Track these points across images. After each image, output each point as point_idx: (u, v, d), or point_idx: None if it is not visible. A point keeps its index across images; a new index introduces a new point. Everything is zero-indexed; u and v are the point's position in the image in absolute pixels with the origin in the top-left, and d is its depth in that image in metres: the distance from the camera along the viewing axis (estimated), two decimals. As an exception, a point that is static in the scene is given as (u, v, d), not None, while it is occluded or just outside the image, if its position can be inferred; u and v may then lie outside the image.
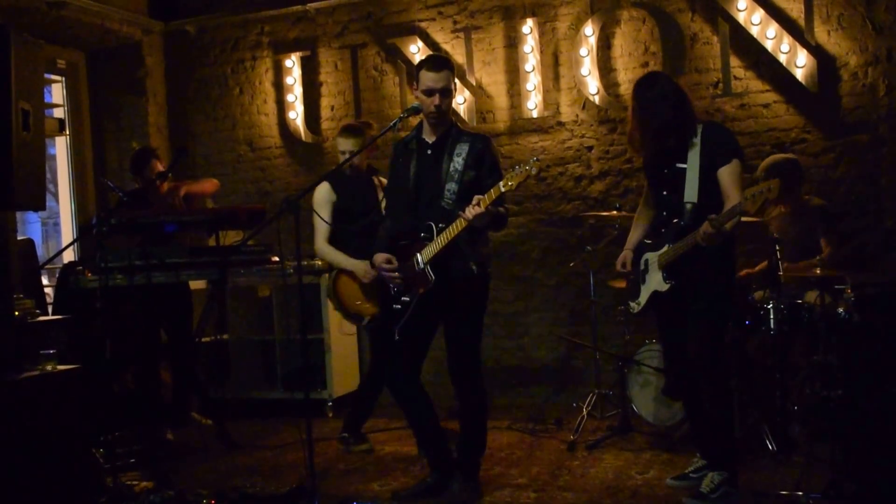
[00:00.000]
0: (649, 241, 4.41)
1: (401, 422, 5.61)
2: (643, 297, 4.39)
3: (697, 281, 4.16)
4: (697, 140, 4.18)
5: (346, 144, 5.32)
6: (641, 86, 4.32)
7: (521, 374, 6.84)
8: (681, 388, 4.52)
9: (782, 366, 4.87)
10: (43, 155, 4.40)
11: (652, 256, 4.32)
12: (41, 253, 8.91)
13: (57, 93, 7.55)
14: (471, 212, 4.02)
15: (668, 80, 4.34)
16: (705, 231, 3.94)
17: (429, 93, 4.27)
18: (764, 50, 6.03)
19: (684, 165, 4.18)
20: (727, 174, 4.12)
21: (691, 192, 4.15)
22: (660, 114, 4.17)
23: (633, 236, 4.59)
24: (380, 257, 4.42)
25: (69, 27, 7.03)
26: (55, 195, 7.98)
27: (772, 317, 4.90)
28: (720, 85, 6.19)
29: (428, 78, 4.28)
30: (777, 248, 4.96)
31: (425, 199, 4.34)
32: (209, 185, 6.27)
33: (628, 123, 4.41)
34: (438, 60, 4.42)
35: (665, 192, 4.31)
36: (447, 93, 4.28)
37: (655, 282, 4.29)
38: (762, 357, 5.11)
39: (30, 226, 12.94)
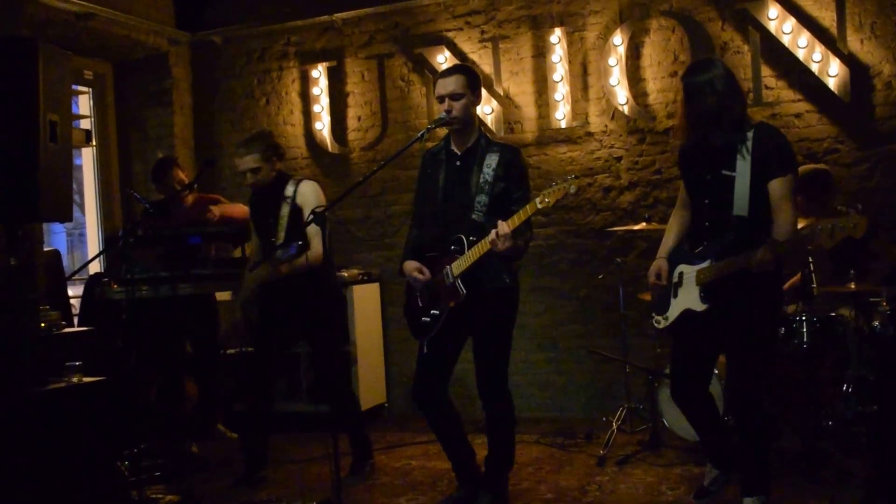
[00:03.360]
0: (687, 252, 4.10)
1: (428, 436, 5.56)
2: (673, 311, 4.10)
3: (741, 307, 3.85)
4: (749, 145, 3.83)
5: None
6: (692, 70, 3.98)
7: (550, 388, 6.76)
8: (684, 395, 4.24)
9: (815, 380, 4.78)
10: (70, 166, 4.40)
11: (688, 270, 4.03)
12: (67, 264, 8.92)
13: (84, 104, 7.57)
14: (493, 236, 3.97)
15: (723, 67, 3.91)
16: (763, 258, 3.62)
17: (440, 99, 4.24)
18: (796, 59, 5.95)
19: (732, 173, 3.83)
20: (779, 188, 3.77)
21: (741, 205, 3.80)
22: (704, 104, 3.84)
23: (667, 243, 4.25)
24: (411, 265, 4.34)
25: (97, 38, 7.06)
26: (81, 206, 7.99)
27: (804, 330, 4.81)
28: (751, 94, 6.07)
29: (437, 85, 4.27)
30: (810, 260, 4.88)
31: (455, 210, 4.28)
32: (240, 210, 6.15)
33: (678, 114, 4.08)
34: (450, 67, 4.40)
35: (707, 201, 3.98)
36: (457, 97, 4.20)
37: (690, 299, 4.00)
38: (794, 371, 5.02)
39: (55, 236, 13.00)
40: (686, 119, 3.97)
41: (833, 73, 5.85)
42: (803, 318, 4.80)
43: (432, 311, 4.30)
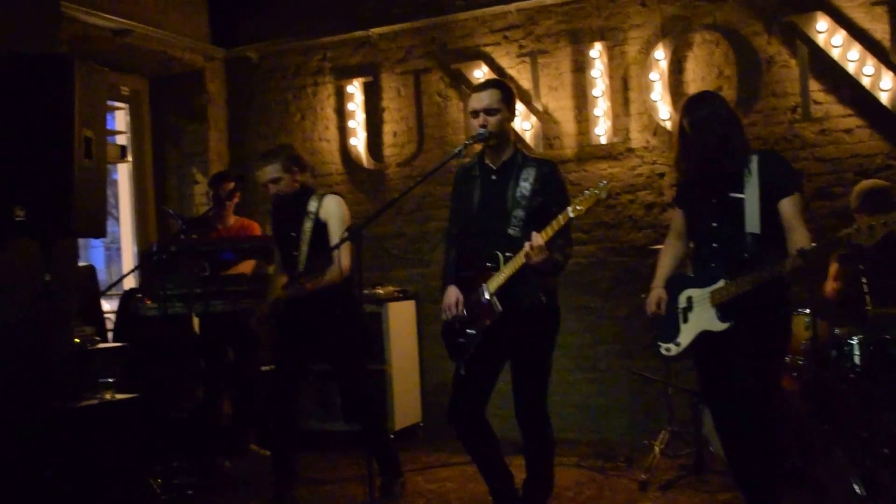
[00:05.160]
0: (692, 277, 4.06)
1: (464, 457, 5.43)
2: (685, 337, 4.00)
3: (754, 317, 3.80)
4: (754, 169, 3.85)
5: None
6: (691, 104, 3.99)
7: (590, 409, 6.62)
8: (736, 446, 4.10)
9: (869, 405, 4.61)
10: (104, 182, 4.39)
11: (698, 293, 3.95)
12: (104, 277, 8.98)
13: (120, 119, 7.59)
14: (526, 249, 3.88)
15: (721, 99, 4.03)
16: (796, 264, 3.59)
17: (474, 114, 4.15)
18: (846, 73, 5.79)
19: (740, 195, 3.84)
20: (790, 206, 3.81)
21: (753, 223, 3.79)
22: (711, 136, 3.85)
23: (662, 272, 4.21)
24: (451, 295, 4.24)
25: (133, 55, 7.08)
26: (118, 220, 8.02)
27: (856, 353, 4.65)
28: (799, 110, 5.96)
29: (472, 99, 4.19)
30: (864, 280, 4.72)
31: (491, 226, 4.17)
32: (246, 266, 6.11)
33: (674, 147, 4.08)
34: (484, 82, 4.33)
35: (715, 224, 3.94)
36: (492, 112, 4.10)
37: (705, 321, 3.91)
38: (846, 395, 4.85)
39: (93, 250, 13.11)
40: (688, 152, 3.95)
41: (886, 87, 5.69)
42: (856, 340, 4.64)
43: (468, 331, 4.18)
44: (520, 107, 6.25)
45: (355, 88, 7.30)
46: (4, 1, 4.55)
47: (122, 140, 7.46)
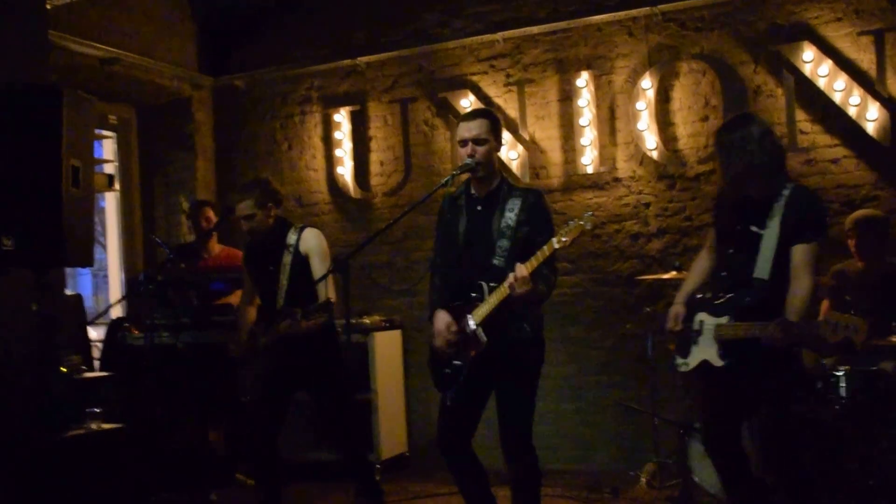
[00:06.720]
0: (708, 299, 4.02)
1: (450, 487, 5.41)
2: (693, 359, 3.99)
3: (762, 369, 3.75)
4: (780, 206, 3.76)
5: None
6: (727, 124, 3.99)
7: (575, 440, 6.59)
8: (715, 450, 4.06)
9: (856, 438, 4.60)
10: (91, 212, 4.38)
11: (708, 320, 3.92)
12: (90, 304, 8.94)
13: (108, 148, 7.57)
14: (510, 280, 3.84)
15: (758, 124, 3.87)
16: (773, 335, 3.56)
17: (462, 143, 4.14)
18: (832, 103, 5.82)
19: (759, 231, 3.78)
20: (801, 254, 3.69)
21: (764, 268, 3.73)
22: (737, 159, 3.80)
23: (687, 287, 4.18)
24: (442, 320, 4.18)
25: (121, 83, 7.08)
26: (105, 247, 7.99)
27: (842, 385, 4.65)
28: (785, 140, 5.93)
29: (460, 128, 4.17)
30: (851, 312, 4.72)
31: (476, 256, 4.15)
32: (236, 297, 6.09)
33: (717, 167, 4.10)
34: (473, 111, 4.32)
35: (731, 251, 3.92)
36: (481, 142, 4.09)
37: (709, 351, 3.90)
38: (833, 428, 4.84)
39: (80, 277, 13.03)
40: (722, 173, 3.96)
41: (872, 116, 5.71)
42: (842, 372, 4.64)
43: (454, 362, 4.14)
44: (506, 136, 6.25)
45: (342, 117, 7.32)
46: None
47: (109, 169, 7.42)
